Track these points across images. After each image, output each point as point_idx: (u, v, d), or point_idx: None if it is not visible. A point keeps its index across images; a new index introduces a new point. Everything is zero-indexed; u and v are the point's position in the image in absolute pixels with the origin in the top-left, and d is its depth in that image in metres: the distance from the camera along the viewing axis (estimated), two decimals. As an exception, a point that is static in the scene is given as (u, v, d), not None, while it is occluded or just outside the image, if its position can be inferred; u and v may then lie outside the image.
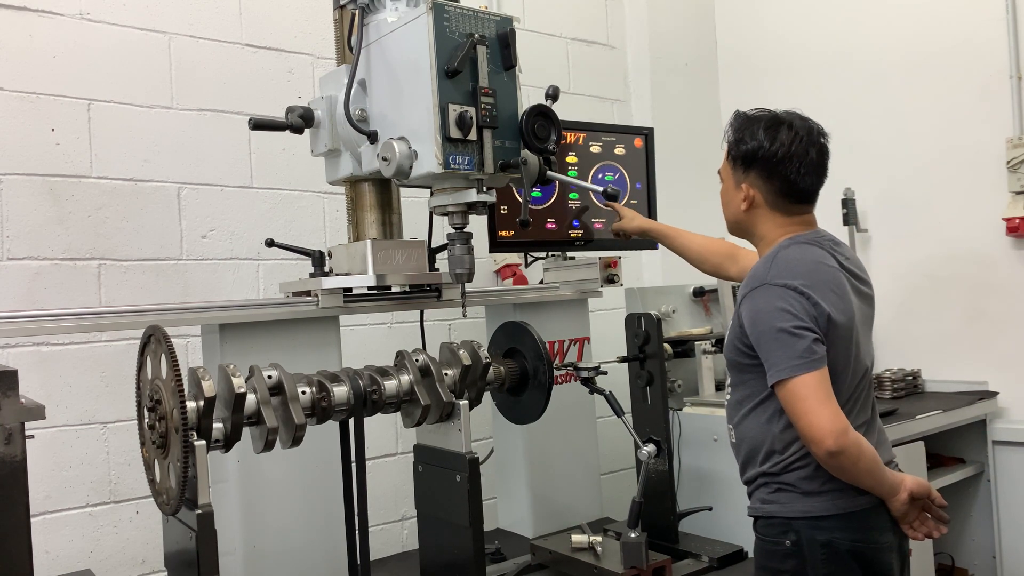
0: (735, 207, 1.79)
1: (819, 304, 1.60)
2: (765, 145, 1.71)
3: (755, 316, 1.63)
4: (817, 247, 1.71)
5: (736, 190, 1.78)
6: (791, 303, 1.59)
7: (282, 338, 1.89)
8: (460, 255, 1.80)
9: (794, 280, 1.61)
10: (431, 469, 1.85)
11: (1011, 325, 3.10)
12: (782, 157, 1.70)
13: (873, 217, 3.44)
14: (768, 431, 1.68)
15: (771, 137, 1.71)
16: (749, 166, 1.74)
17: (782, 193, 1.73)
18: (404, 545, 2.89)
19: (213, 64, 2.64)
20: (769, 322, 1.60)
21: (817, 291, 1.61)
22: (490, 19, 1.73)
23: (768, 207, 1.75)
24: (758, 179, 1.74)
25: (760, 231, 1.78)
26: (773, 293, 1.61)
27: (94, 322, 1.75)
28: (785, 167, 1.71)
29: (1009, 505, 3.01)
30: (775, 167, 1.71)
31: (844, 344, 1.64)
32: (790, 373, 1.56)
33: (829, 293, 1.62)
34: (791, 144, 1.70)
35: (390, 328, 2.94)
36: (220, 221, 2.65)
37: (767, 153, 1.71)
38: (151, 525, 2.44)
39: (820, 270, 1.66)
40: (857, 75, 3.49)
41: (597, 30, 3.72)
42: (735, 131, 1.78)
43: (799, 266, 1.64)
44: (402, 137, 1.69)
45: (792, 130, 1.72)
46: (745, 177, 1.76)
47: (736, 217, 1.81)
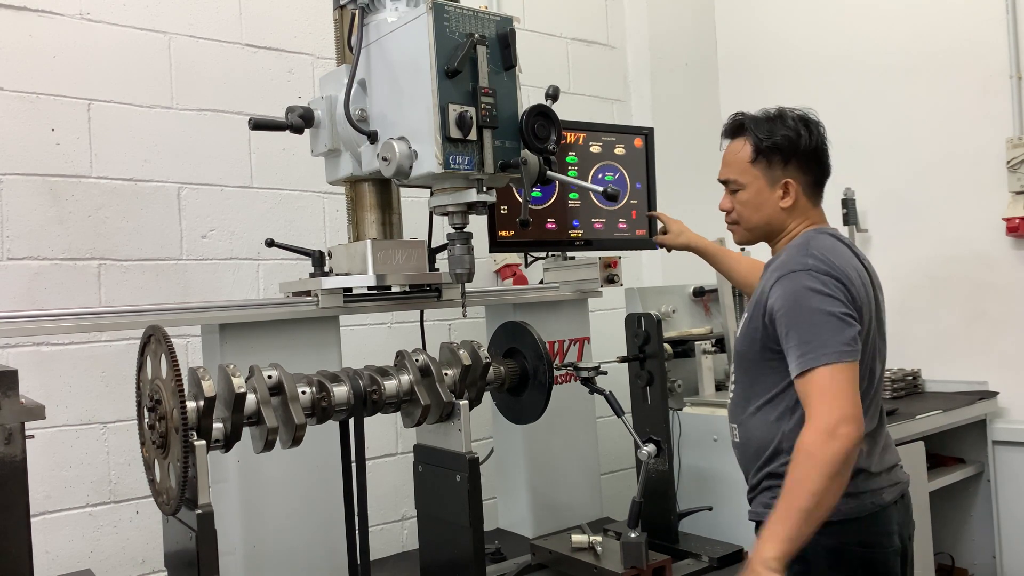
0: (771, 207, 1.76)
1: (856, 299, 1.60)
2: (805, 135, 1.72)
3: (796, 298, 1.58)
4: (841, 242, 1.72)
5: (772, 188, 1.75)
6: (836, 291, 1.58)
7: (282, 338, 1.89)
8: (460, 255, 1.80)
9: (834, 270, 1.60)
10: (431, 469, 1.85)
11: (1011, 325, 3.10)
12: (817, 146, 1.74)
13: (873, 217, 3.45)
14: (777, 429, 1.66)
15: (805, 127, 1.73)
16: (789, 158, 1.73)
17: (817, 184, 1.77)
18: (404, 545, 2.89)
19: (213, 64, 2.64)
20: (816, 305, 1.56)
21: (853, 286, 1.61)
22: (490, 19, 1.73)
23: (805, 198, 1.76)
24: (797, 171, 1.74)
25: (792, 225, 1.77)
26: (816, 279, 1.59)
27: (94, 322, 1.75)
28: (821, 156, 1.75)
29: (1009, 505, 3.01)
30: (812, 156, 1.74)
31: (864, 344, 1.63)
32: (838, 359, 1.51)
33: (860, 289, 1.63)
34: (817, 136, 1.75)
35: (390, 328, 2.94)
36: (220, 221, 2.65)
37: (807, 143, 1.72)
38: (151, 525, 2.44)
39: (851, 265, 1.65)
40: (857, 75, 3.49)
41: (597, 30, 3.72)
42: (757, 130, 1.75)
43: (836, 257, 1.64)
44: (402, 137, 1.69)
45: (804, 121, 1.75)
46: (785, 171, 1.74)
47: (772, 218, 1.78)
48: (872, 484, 1.65)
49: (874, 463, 1.67)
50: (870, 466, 1.66)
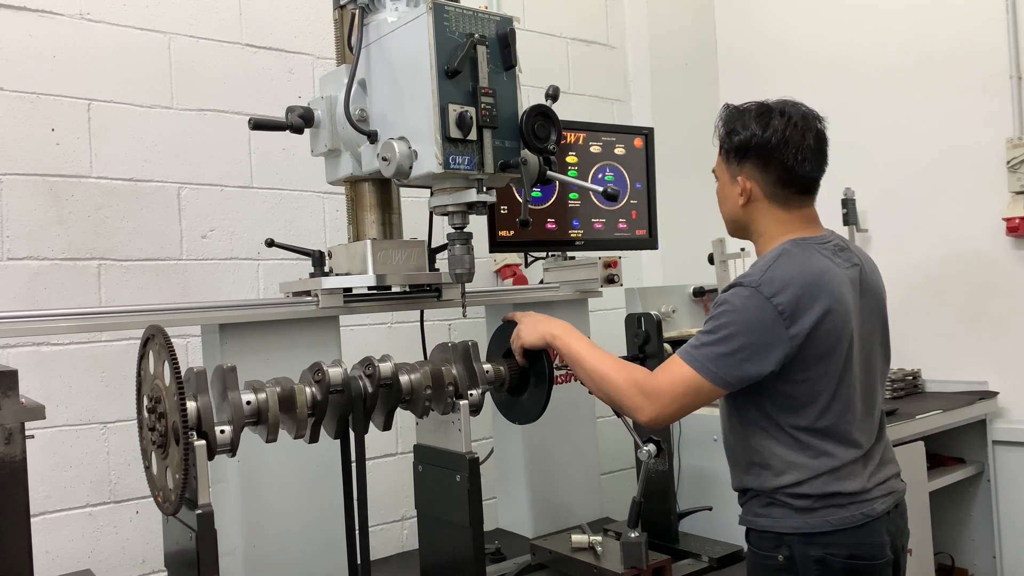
0: (732, 203, 1.74)
1: (797, 326, 1.53)
2: (758, 133, 1.65)
3: (722, 304, 1.58)
4: (819, 254, 1.63)
5: (732, 185, 1.72)
6: (763, 319, 1.54)
7: (282, 338, 1.89)
8: (460, 255, 1.80)
9: (780, 295, 1.54)
10: (431, 469, 1.85)
11: (1011, 325, 3.10)
12: (777, 143, 1.64)
13: (873, 217, 3.45)
14: (748, 443, 1.67)
15: (763, 124, 1.65)
16: (744, 157, 1.69)
17: (781, 183, 1.67)
18: (404, 545, 2.89)
19: (213, 64, 2.64)
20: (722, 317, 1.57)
21: (801, 308, 1.54)
22: (490, 19, 1.72)
23: (767, 200, 1.69)
24: (754, 170, 1.68)
25: (759, 227, 1.72)
26: (753, 301, 1.55)
27: (94, 322, 1.75)
28: (781, 153, 1.64)
29: (1009, 505, 3.01)
30: (770, 155, 1.65)
31: (827, 360, 1.58)
32: (708, 376, 1.56)
33: (816, 308, 1.55)
34: (785, 129, 1.64)
35: (390, 328, 2.94)
36: (220, 221, 2.65)
37: (760, 140, 1.65)
38: (151, 525, 2.44)
39: (817, 282, 1.57)
40: (857, 75, 3.49)
41: (597, 30, 3.72)
42: (725, 123, 1.73)
43: (793, 279, 1.56)
44: (402, 137, 1.69)
45: (785, 116, 1.66)
46: (740, 169, 1.70)
47: (734, 214, 1.75)
48: (862, 496, 1.62)
49: (863, 483, 1.63)
50: (860, 488, 1.62)
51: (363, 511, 1.69)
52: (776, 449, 1.62)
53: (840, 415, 1.60)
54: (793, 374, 1.57)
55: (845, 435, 1.61)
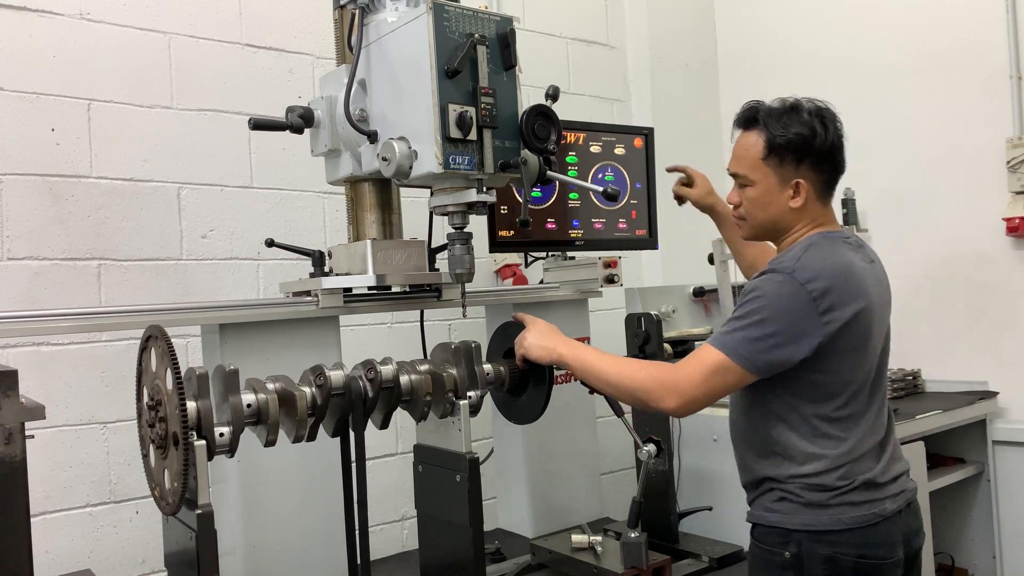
0: (780, 207, 1.69)
1: (830, 314, 1.54)
2: (820, 132, 1.65)
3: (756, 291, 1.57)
4: (844, 247, 1.65)
5: (782, 188, 1.67)
6: (797, 305, 1.54)
7: (282, 338, 1.89)
8: (460, 255, 1.80)
9: (815, 282, 1.55)
10: (431, 469, 1.85)
11: (1011, 325, 3.10)
12: (832, 144, 1.67)
13: (873, 217, 3.44)
14: (767, 432, 1.66)
15: (821, 123, 1.65)
16: (802, 157, 1.65)
17: (829, 184, 1.71)
18: (404, 545, 2.89)
19: (213, 64, 2.64)
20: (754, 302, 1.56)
21: (836, 297, 1.55)
22: (490, 19, 1.72)
23: (816, 199, 1.69)
24: (810, 170, 1.67)
25: (799, 228, 1.70)
26: (786, 286, 1.55)
27: (94, 322, 1.75)
28: (836, 154, 1.68)
29: (1009, 505, 3.01)
30: (828, 155, 1.67)
31: (858, 352, 1.60)
32: (737, 359, 1.55)
33: (851, 301, 1.57)
34: (834, 133, 1.68)
35: (390, 328, 2.94)
36: (220, 221, 2.65)
37: (822, 141, 1.65)
38: (151, 525, 2.44)
39: (849, 273, 1.60)
40: (857, 75, 3.49)
41: (597, 30, 3.72)
42: (772, 123, 1.67)
43: (827, 268, 1.57)
44: (402, 137, 1.69)
45: (829, 116, 1.68)
46: (797, 171, 1.66)
47: (779, 217, 1.71)
48: (876, 494, 1.60)
49: (879, 473, 1.62)
50: (876, 476, 1.61)
51: (363, 511, 1.68)
52: (797, 439, 1.61)
53: (863, 405, 1.62)
54: (823, 363, 1.57)
55: (865, 423, 1.62)
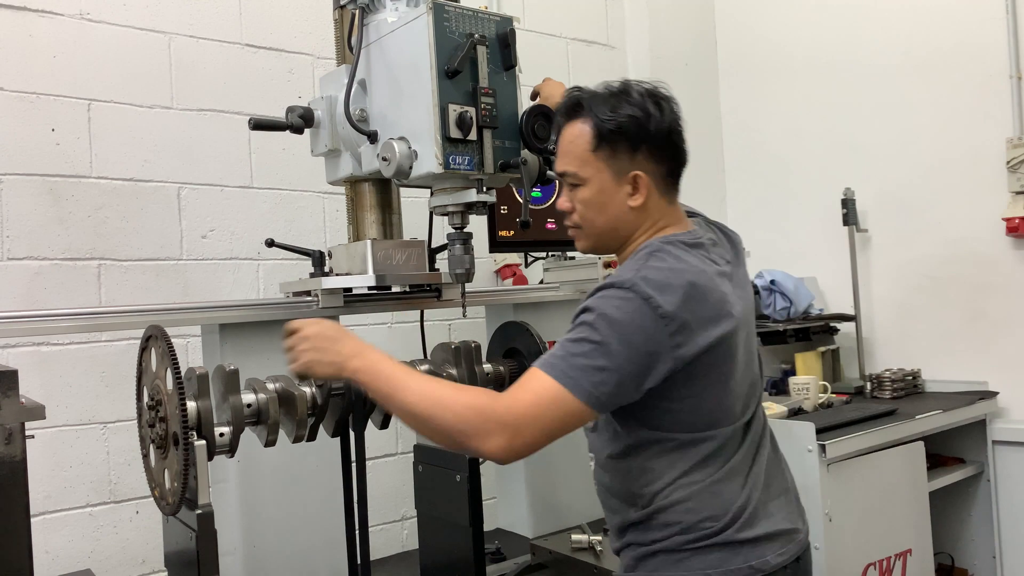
0: (618, 206, 1.42)
1: (683, 335, 1.28)
2: (655, 114, 1.38)
3: (584, 309, 1.33)
4: (692, 254, 1.38)
5: (618, 183, 1.41)
6: (643, 326, 1.27)
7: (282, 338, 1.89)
8: (460, 255, 1.79)
9: (662, 298, 1.28)
10: (431, 469, 1.85)
11: (1011, 325, 3.10)
12: (670, 127, 1.39)
13: (873, 217, 3.44)
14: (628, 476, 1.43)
15: (654, 104, 1.39)
16: (638, 144, 1.39)
17: (671, 175, 1.43)
18: (404, 545, 2.89)
19: (213, 64, 2.64)
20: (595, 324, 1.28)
21: (690, 315, 1.29)
22: (490, 19, 1.72)
23: (658, 194, 1.42)
24: (648, 160, 1.39)
25: (641, 231, 1.44)
26: (630, 304, 1.28)
27: (94, 322, 1.75)
28: (676, 140, 1.40)
29: (1009, 505, 3.01)
30: (665, 140, 1.39)
31: (722, 381, 1.36)
32: (574, 389, 1.26)
33: (709, 319, 1.32)
34: (673, 111, 1.41)
35: (390, 328, 2.94)
36: (220, 221, 2.65)
37: (658, 124, 1.38)
38: (151, 525, 2.44)
39: (704, 285, 1.33)
40: (857, 75, 3.49)
41: (597, 30, 3.72)
42: (599, 107, 1.41)
43: (676, 281, 1.30)
44: (402, 137, 1.69)
45: (665, 96, 1.42)
46: (633, 161, 1.39)
47: (619, 220, 1.44)
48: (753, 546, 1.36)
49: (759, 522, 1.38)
50: (754, 525, 1.37)
51: (363, 511, 1.69)
52: (656, 483, 1.38)
53: (734, 443, 1.40)
54: (678, 394, 1.33)
55: (736, 464, 1.39)
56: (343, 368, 1.35)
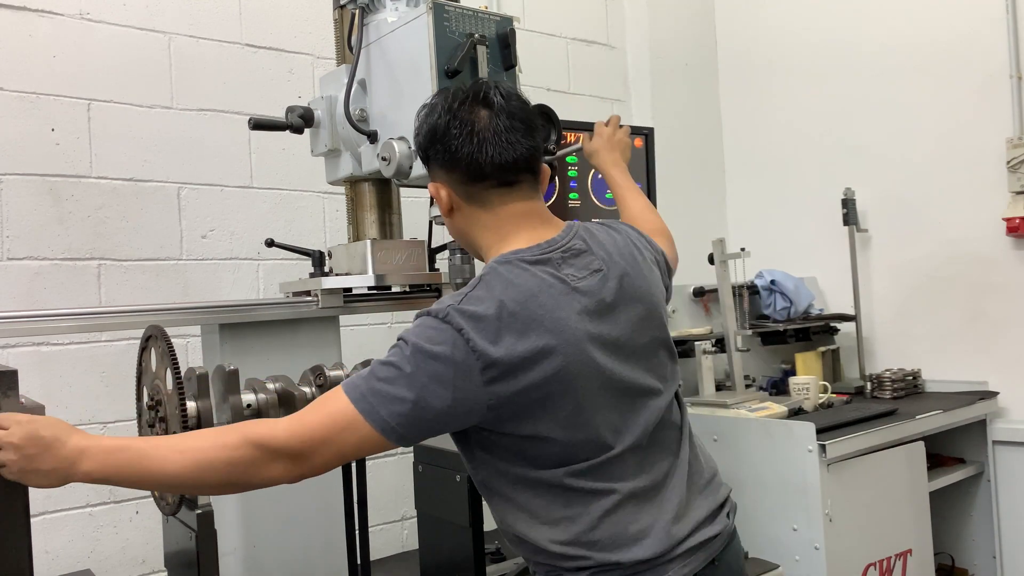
0: (446, 222, 1.43)
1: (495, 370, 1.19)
2: (427, 123, 1.37)
3: (403, 335, 1.25)
4: (529, 272, 1.28)
5: (437, 199, 1.40)
6: (452, 360, 1.19)
7: (282, 338, 1.89)
8: (460, 265, 1.79)
9: (474, 331, 1.20)
10: (431, 469, 1.85)
11: (1011, 325, 3.10)
12: (445, 133, 1.33)
13: (873, 217, 3.44)
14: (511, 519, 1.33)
15: (426, 117, 1.38)
16: (427, 159, 1.39)
17: (470, 177, 1.34)
18: (404, 545, 2.89)
19: (213, 64, 2.64)
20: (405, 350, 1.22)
21: (505, 347, 1.20)
22: (490, 19, 1.73)
23: (466, 202, 1.36)
24: (440, 170, 1.37)
25: (476, 240, 1.39)
26: (440, 334, 1.21)
27: (94, 322, 1.75)
28: (456, 141, 1.32)
29: (1009, 505, 3.01)
30: (446, 146, 1.33)
31: (561, 407, 1.24)
32: (367, 414, 1.18)
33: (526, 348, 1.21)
34: (451, 109, 1.34)
35: (390, 328, 2.94)
36: (220, 221, 2.65)
37: (431, 134, 1.35)
38: (151, 525, 2.44)
39: (524, 313, 1.23)
40: (857, 75, 3.49)
41: (597, 30, 3.72)
42: (414, 138, 1.43)
43: (492, 309, 1.22)
44: (402, 137, 1.69)
45: (451, 96, 1.36)
46: (432, 174, 1.39)
47: (452, 231, 1.45)
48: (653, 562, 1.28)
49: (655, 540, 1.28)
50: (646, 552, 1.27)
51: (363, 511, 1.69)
52: (524, 520, 1.30)
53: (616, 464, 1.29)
54: (510, 427, 1.24)
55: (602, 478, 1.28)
56: (70, 476, 1.14)
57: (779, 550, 2.37)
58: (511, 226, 1.36)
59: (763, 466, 2.43)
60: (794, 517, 2.37)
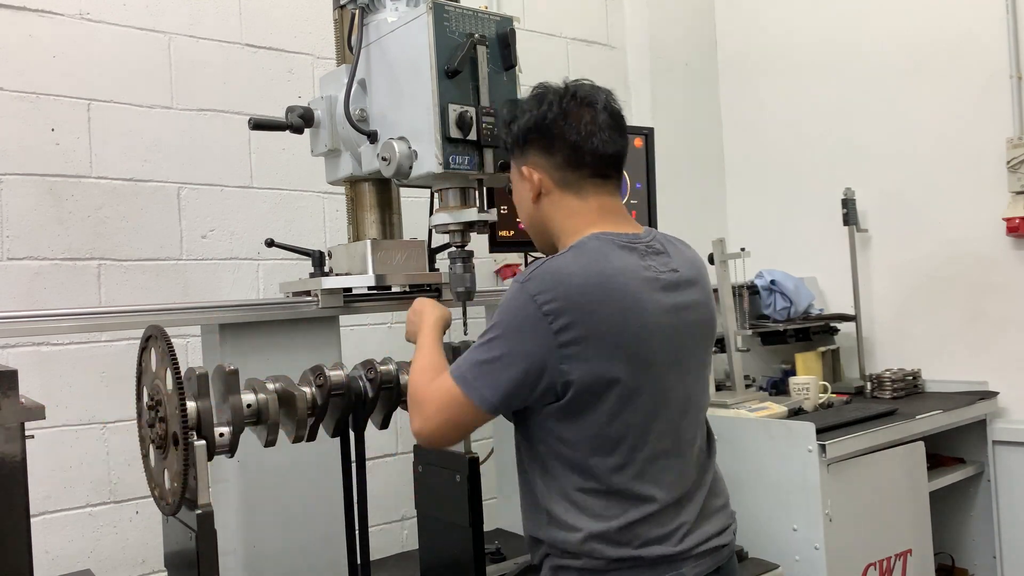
0: (526, 205, 1.48)
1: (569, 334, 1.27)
2: (533, 108, 1.44)
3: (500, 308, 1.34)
4: (619, 251, 1.36)
5: (521, 182, 1.47)
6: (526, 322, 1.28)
7: (282, 338, 1.89)
8: (461, 273, 1.78)
9: (548, 293, 1.28)
10: (431, 469, 1.85)
11: (1011, 325, 3.10)
12: (554, 117, 1.41)
13: (873, 217, 3.44)
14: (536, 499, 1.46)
15: (536, 103, 1.44)
16: (524, 144, 1.45)
17: (570, 164, 1.42)
18: (404, 545, 2.89)
19: (213, 64, 2.64)
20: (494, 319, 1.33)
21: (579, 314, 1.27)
22: (490, 19, 1.73)
23: (558, 188, 1.43)
24: (538, 154, 1.44)
25: (556, 225, 1.45)
26: (516, 300, 1.31)
27: (94, 322, 1.75)
28: (563, 127, 1.41)
29: (1009, 505, 3.01)
30: (551, 131, 1.41)
31: (635, 391, 1.32)
32: (468, 391, 1.31)
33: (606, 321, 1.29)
34: (561, 101, 1.43)
35: (390, 328, 2.94)
36: (220, 221, 2.65)
37: (537, 119, 1.42)
38: (151, 525, 2.44)
39: (608, 286, 1.31)
40: (857, 75, 3.49)
41: (597, 30, 3.72)
42: (505, 119, 1.52)
43: (573, 277, 1.29)
44: (402, 137, 1.69)
45: (561, 90, 1.46)
46: (524, 159, 1.46)
47: (530, 218, 1.50)
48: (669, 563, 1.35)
49: (676, 538, 1.36)
50: (671, 543, 1.35)
51: (363, 511, 1.69)
52: (561, 500, 1.38)
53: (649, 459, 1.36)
54: (575, 401, 1.31)
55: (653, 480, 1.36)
56: (412, 333, 1.61)
57: (779, 550, 2.37)
58: (598, 216, 1.43)
59: (763, 466, 2.43)
60: (794, 517, 2.36)
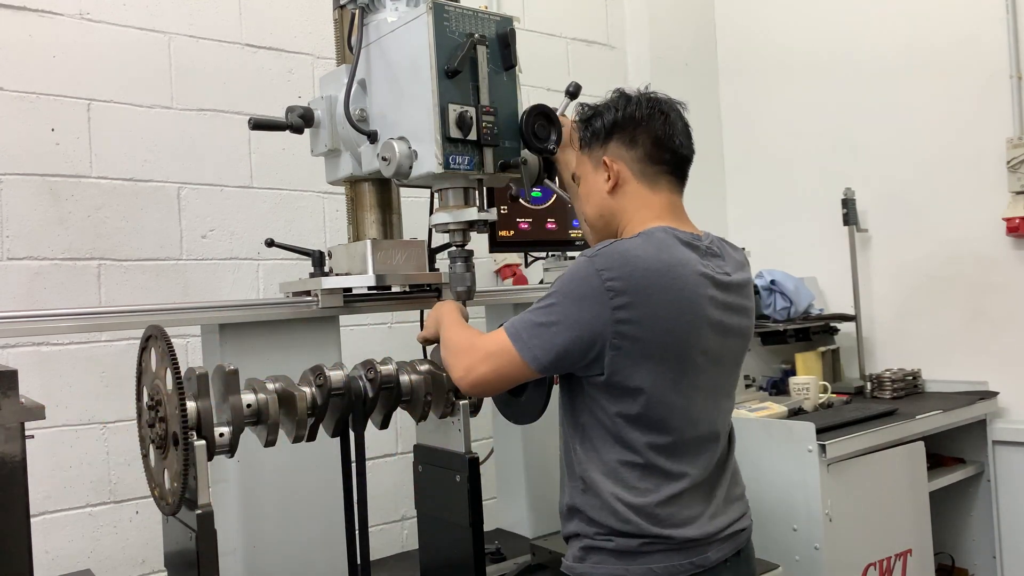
0: (599, 196, 1.57)
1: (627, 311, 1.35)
2: (620, 106, 1.54)
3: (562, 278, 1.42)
4: (682, 246, 1.45)
5: (596, 173, 1.56)
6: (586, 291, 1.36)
7: (282, 338, 1.89)
8: (461, 273, 1.78)
9: (613, 271, 1.36)
10: (431, 469, 1.85)
11: (1011, 325, 3.10)
12: (642, 116, 1.52)
13: (873, 217, 3.44)
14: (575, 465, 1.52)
15: (624, 102, 1.55)
16: (608, 137, 1.55)
17: (650, 158, 1.52)
18: (404, 545, 2.89)
19: (213, 64, 2.64)
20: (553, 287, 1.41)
21: (641, 294, 1.36)
22: (490, 19, 1.72)
23: (636, 179, 1.53)
24: (620, 147, 1.53)
25: (626, 216, 1.54)
26: (581, 271, 1.38)
27: (94, 322, 1.75)
28: (648, 125, 1.52)
29: (1009, 505, 3.01)
30: (636, 126, 1.52)
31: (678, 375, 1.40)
32: (521, 348, 1.40)
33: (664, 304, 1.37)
34: (647, 104, 1.54)
35: (390, 328, 2.94)
36: (220, 221, 2.65)
37: (625, 114, 1.53)
38: (151, 525, 2.44)
39: (669, 274, 1.38)
40: (857, 75, 3.49)
41: (597, 30, 3.72)
42: (582, 121, 1.61)
43: (639, 259, 1.37)
44: (402, 137, 1.69)
45: (644, 94, 1.57)
46: (605, 150, 1.55)
47: (601, 208, 1.57)
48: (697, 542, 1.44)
49: (704, 519, 1.45)
50: (699, 522, 1.44)
51: (363, 511, 1.68)
52: (600, 469, 1.46)
53: (684, 439, 1.44)
54: (622, 376, 1.39)
55: (687, 460, 1.45)
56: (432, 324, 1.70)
57: (779, 550, 2.37)
58: (666, 211, 1.53)
59: (763, 466, 2.43)
60: (794, 517, 2.37)
